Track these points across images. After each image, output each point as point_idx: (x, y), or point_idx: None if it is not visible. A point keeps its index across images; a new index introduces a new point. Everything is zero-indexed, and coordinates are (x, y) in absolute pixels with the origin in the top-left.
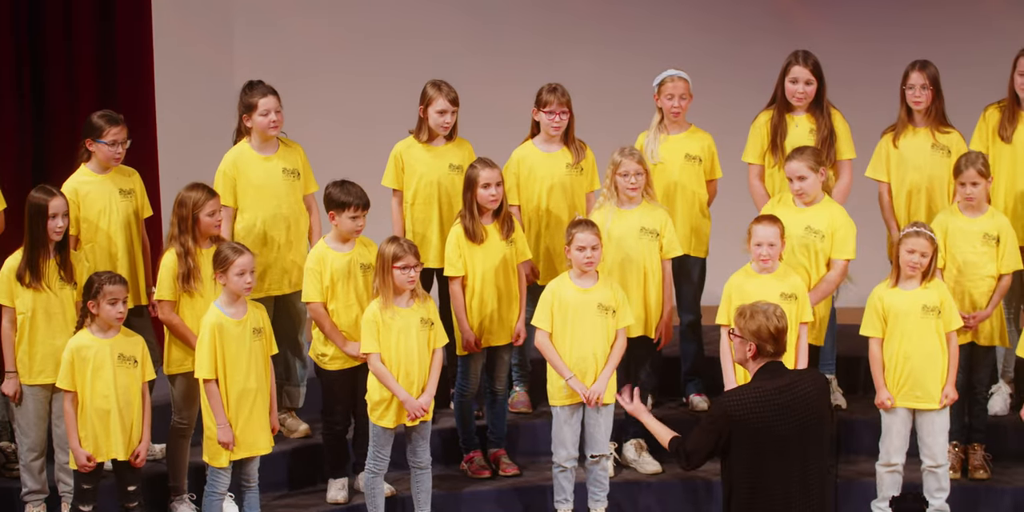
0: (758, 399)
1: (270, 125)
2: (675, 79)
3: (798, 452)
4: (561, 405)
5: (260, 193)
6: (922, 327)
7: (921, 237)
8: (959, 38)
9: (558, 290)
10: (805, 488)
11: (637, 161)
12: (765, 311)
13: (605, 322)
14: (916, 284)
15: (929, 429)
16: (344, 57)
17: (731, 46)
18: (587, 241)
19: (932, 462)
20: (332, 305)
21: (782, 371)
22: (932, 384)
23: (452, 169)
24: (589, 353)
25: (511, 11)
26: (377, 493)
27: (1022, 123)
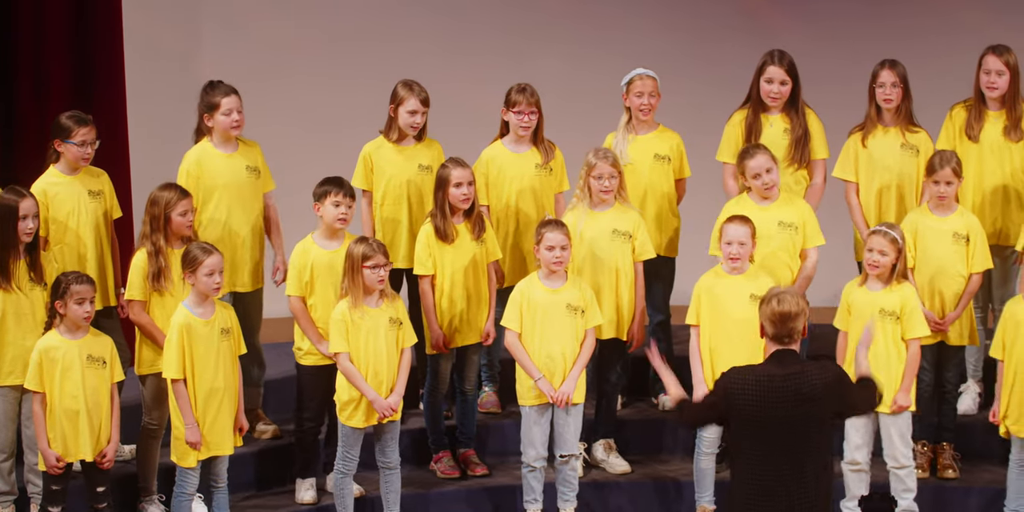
0: (758, 381)
1: (232, 124)
2: (643, 78)
3: (795, 441)
4: (530, 405)
5: (225, 191)
6: (877, 328)
7: (881, 236)
8: (928, 36)
9: (527, 290)
10: (800, 478)
11: (611, 163)
12: (777, 295)
13: (574, 322)
14: (881, 285)
15: (887, 431)
16: (313, 58)
17: (700, 45)
18: (556, 241)
19: (895, 463)
20: (311, 301)
21: (792, 359)
22: (885, 388)
23: (421, 169)
24: (558, 353)
25: (480, 11)
26: (346, 493)
27: (989, 122)
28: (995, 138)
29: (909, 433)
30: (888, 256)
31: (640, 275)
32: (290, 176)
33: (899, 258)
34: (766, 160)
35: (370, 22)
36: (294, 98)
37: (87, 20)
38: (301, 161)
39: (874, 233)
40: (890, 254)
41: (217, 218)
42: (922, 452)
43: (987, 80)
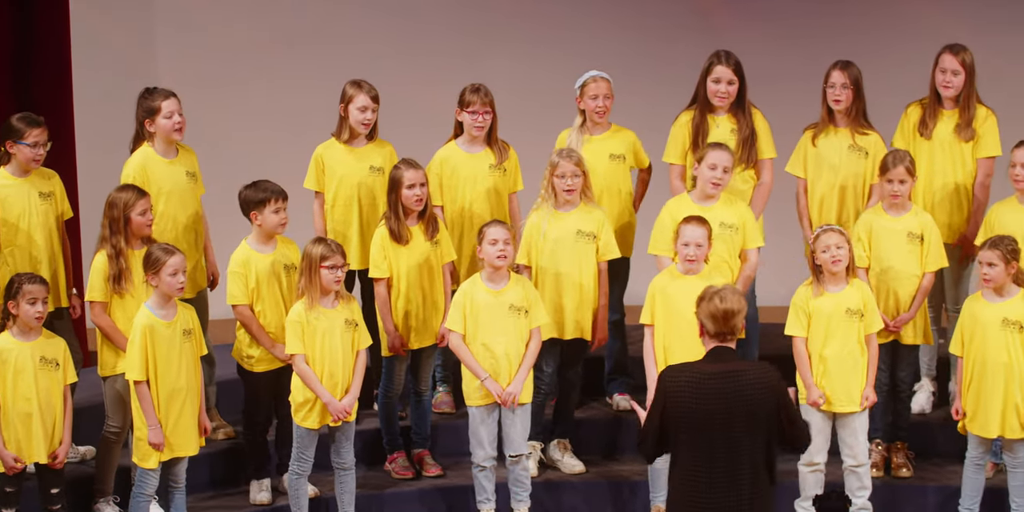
0: (691, 379)
1: (174, 128)
2: (597, 80)
3: (730, 440)
4: (477, 405)
5: (169, 198)
6: (844, 330)
7: (832, 232)
8: (882, 36)
9: (470, 292)
10: (734, 480)
11: (575, 163)
12: (717, 293)
13: (518, 323)
14: (840, 284)
15: (849, 429)
16: (266, 60)
17: (653, 44)
18: (499, 234)
19: (854, 462)
20: (259, 307)
21: (729, 357)
22: (853, 386)
23: (373, 170)
24: (502, 354)
25: (433, 12)
26: (301, 494)
27: (943, 120)
28: (946, 136)
29: (867, 430)
30: (844, 249)
31: (604, 275)
32: (245, 178)
33: (850, 252)
34: (728, 158)
35: (322, 24)
36: (247, 101)
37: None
38: (256, 163)
39: (824, 232)
40: (845, 247)
41: (161, 224)
42: (876, 451)
43: (942, 79)
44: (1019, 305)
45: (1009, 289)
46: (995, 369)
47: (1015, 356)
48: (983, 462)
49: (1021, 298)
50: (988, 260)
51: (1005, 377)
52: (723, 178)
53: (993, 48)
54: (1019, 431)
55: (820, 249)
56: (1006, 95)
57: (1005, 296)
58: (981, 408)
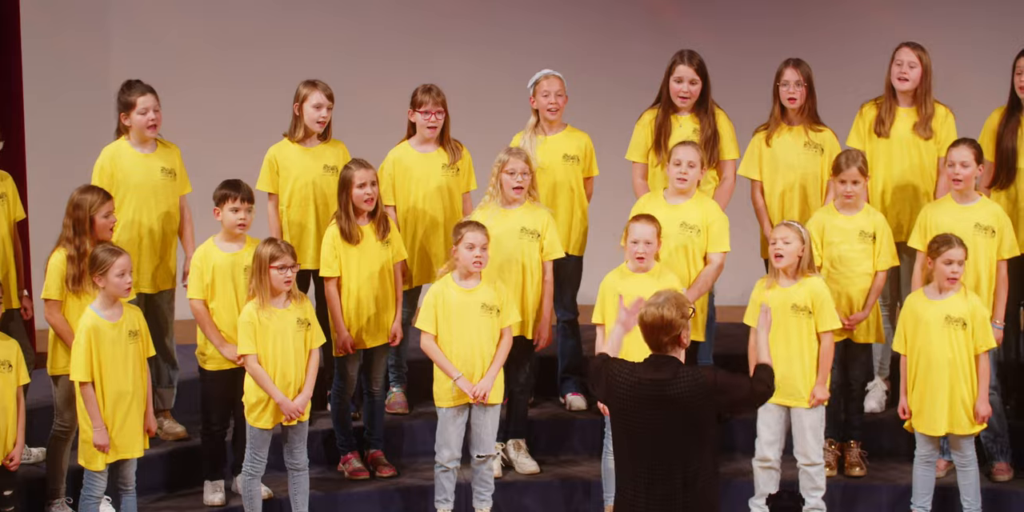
0: (628, 382)
1: (148, 123)
2: (550, 77)
3: (664, 448)
4: (448, 406)
5: (139, 191)
6: (791, 325)
7: (784, 226)
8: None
9: (441, 292)
10: (649, 486)
11: (524, 160)
12: (649, 304)
13: (490, 322)
14: (789, 281)
15: (800, 427)
16: (218, 62)
17: (606, 43)
18: (477, 240)
19: (806, 460)
20: (213, 304)
21: (667, 366)
22: (801, 382)
23: (327, 170)
24: (475, 353)
25: (383, 13)
26: (254, 495)
27: (899, 119)
28: (905, 134)
29: (822, 429)
30: (791, 245)
31: (548, 274)
32: (198, 178)
33: (804, 250)
34: (694, 154)
35: (273, 26)
36: (199, 103)
37: None
38: (207, 165)
39: (778, 226)
40: (793, 243)
41: (127, 218)
42: (829, 450)
43: (899, 71)
44: (961, 302)
45: (952, 287)
46: (940, 366)
47: (959, 353)
48: (932, 460)
49: (962, 295)
50: (960, 259)
51: (950, 374)
52: (688, 173)
53: (945, 49)
54: (967, 427)
55: (771, 241)
56: (959, 95)
57: (947, 294)
58: (927, 406)
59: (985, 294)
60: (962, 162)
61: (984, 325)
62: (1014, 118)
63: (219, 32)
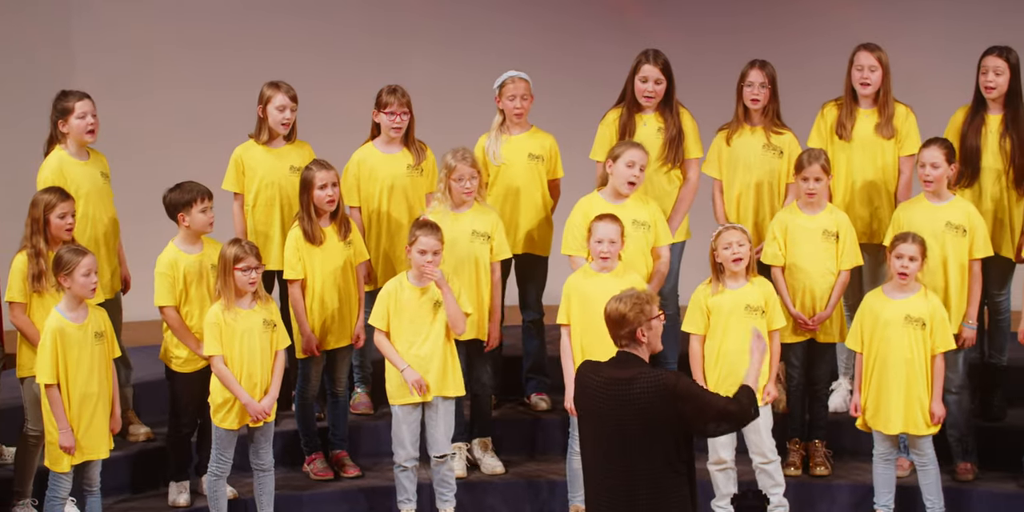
0: (593, 381)
1: (86, 128)
2: (516, 80)
3: (626, 448)
4: (400, 404)
5: (87, 199)
6: (744, 326)
7: (733, 229)
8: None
9: (395, 290)
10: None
11: (470, 165)
12: (612, 298)
13: (443, 320)
14: (740, 281)
15: (754, 427)
16: (183, 63)
17: (570, 43)
18: (429, 246)
19: (762, 459)
20: (186, 308)
21: (630, 364)
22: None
23: (292, 170)
24: (428, 352)
25: (348, 13)
26: (220, 496)
27: (860, 120)
28: (867, 135)
29: (771, 426)
30: (744, 247)
31: (496, 274)
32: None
33: (752, 251)
34: (644, 157)
35: (238, 27)
36: (163, 106)
37: None
38: (174, 164)
39: (725, 230)
40: (746, 245)
41: (82, 225)
42: (794, 450)
43: (860, 76)
44: (921, 302)
45: (912, 286)
46: (896, 366)
47: (916, 353)
48: (891, 458)
49: (922, 295)
50: (911, 254)
51: (908, 374)
52: (639, 177)
53: (908, 45)
54: (923, 428)
55: (721, 246)
56: (918, 95)
57: (907, 293)
58: (882, 404)
59: (954, 293)
60: (932, 163)
61: (943, 326)
62: (978, 116)
63: (183, 34)
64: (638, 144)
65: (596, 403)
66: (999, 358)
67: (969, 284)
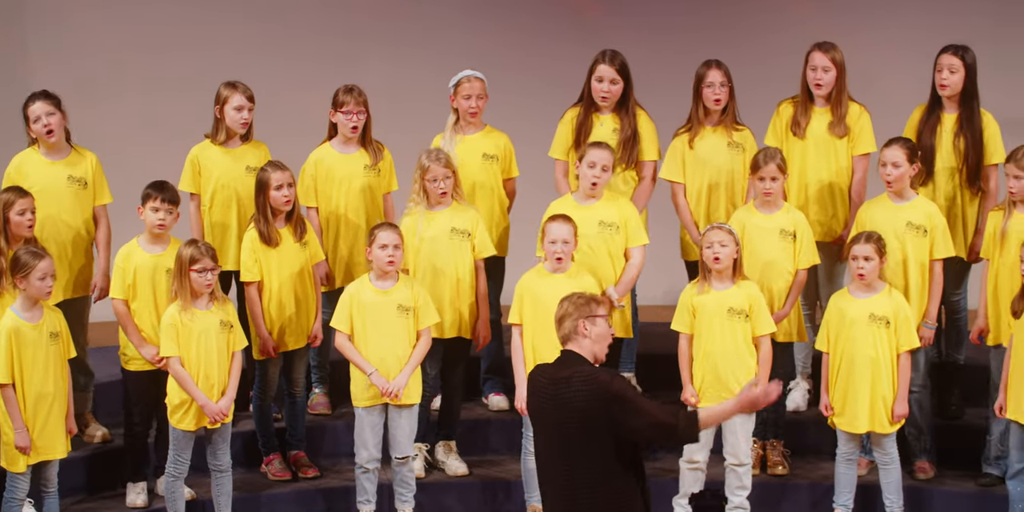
0: (537, 381)
1: (43, 130)
2: (471, 79)
3: (564, 449)
4: (364, 406)
5: (43, 198)
6: (726, 328)
7: (717, 229)
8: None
9: (357, 292)
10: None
11: (444, 165)
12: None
13: (406, 323)
14: (725, 284)
15: (732, 429)
16: (140, 64)
17: (529, 43)
18: (389, 239)
19: (735, 460)
20: (134, 305)
21: (570, 363)
22: (735, 385)
23: (249, 171)
24: (390, 354)
25: (305, 15)
26: (177, 497)
27: (815, 118)
28: (821, 134)
29: (752, 431)
30: (728, 247)
31: (482, 272)
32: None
33: (738, 252)
34: (607, 157)
35: (194, 28)
36: (120, 103)
37: None
38: (131, 165)
39: (709, 229)
40: (729, 245)
41: (39, 223)
42: (752, 449)
43: (814, 77)
44: (885, 301)
45: (876, 285)
46: (862, 364)
47: (882, 351)
48: (854, 458)
49: (887, 294)
50: (864, 254)
51: (872, 372)
52: (601, 177)
53: (864, 41)
54: (887, 426)
55: (705, 245)
56: (876, 93)
57: (871, 292)
58: (849, 404)
59: (914, 293)
60: (893, 162)
61: (907, 325)
62: (934, 115)
63: (140, 36)
64: (602, 144)
65: (540, 403)
66: (956, 357)
67: (930, 284)
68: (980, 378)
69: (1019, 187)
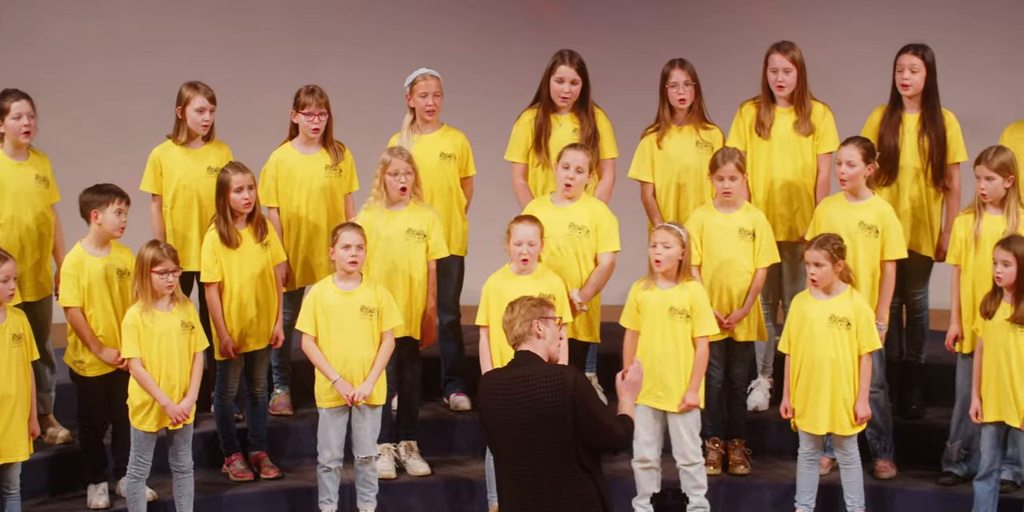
0: (491, 385)
1: (22, 129)
2: (427, 78)
3: (527, 449)
4: (328, 407)
5: (16, 199)
6: (667, 327)
7: (664, 230)
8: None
9: (320, 294)
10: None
11: (406, 160)
12: (514, 303)
13: (369, 324)
14: (669, 283)
15: (676, 430)
16: (99, 64)
17: (488, 42)
18: (352, 240)
19: (685, 461)
20: (89, 311)
21: (528, 362)
22: (673, 385)
23: (210, 171)
24: (353, 356)
25: (264, 15)
26: (139, 498)
27: (779, 118)
28: (785, 134)
29: (698, 430)
30: (672, 249)
31: (433, 274)
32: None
33: (684, 254)
34: (582, 158)
35: (155, 29)
36: (80, 103)
37: None
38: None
39: (658, 229)
40: (674, 247)
41: (5, 226)
42: (713, 449)
43: (775, 78)
44: (846, 302)
45: (836, 287)
46: (822, 366)
47: (842, 353)
48: (815, 458)
49: (848, 295)
50: (815, 260)
51: (832, 374)
52: (575, 178)
53: (821, 44)
54: (848, 428)
55: (651, 243)
56: (836, 91)
57: (832, 294)
58: (810, 405)
59: (863, 293)
60: (848, 161)
61: (869, 326)
62: (895, 115)
63: (101, 37)
64: (578, 145)
65: (498, 404)
66: (917, 356)
67: (880, 285)
68: (941, 377)
69: (991, 188)
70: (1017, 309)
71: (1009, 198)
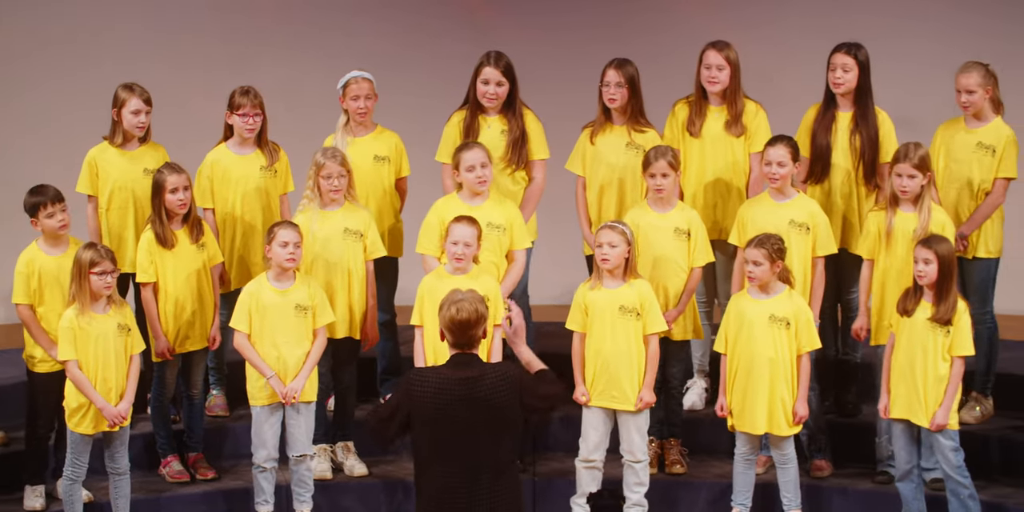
0: (438, 386)
1: None
2: (359, 80)
3: (473, 445)
4: (261, 405)
5: None
6: (618, 327)
7: (609, 229)
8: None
9: (255, 292)
10: (475, 482)
11: (339, 163)
12: (455, 302)
13: (304, 323)
14: (617, 282)
15: (627, 427)
16: (32, 65)
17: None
18: (290, 237)
19: (632, 458)
20: (41, 309)
21: (472, 363)
22: (627, 384)
23: (146, 173)
24: (289, 355)
25: (197, 18)
26: (75, 500)
27: (710, 117)
28: (716, 133)
29: (647, 428)
30: (618, 248)
31: (371, 273)
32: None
33: (630, 252)
34: (482, 155)
35: (89, 30)
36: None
37: None
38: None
39: (602, 228)
40: (619, 246)
41: None
42: (650, 448)
43: (708, 75)
44: (786, 302)
45: (775, 287)
46: (761, 365)
47: (781, 352)
48: (752, 458)
49: (787, 295)
50: (754, 259)
51: (771, 373)
52: (485, 174)
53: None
54: (785, 428)
55: (596, 244)
56: (772, 90)
57: (771, 293)
58: (748, 405)
59: (799, 291)
60: (779, 162)
61: (808, 326)
62: (828, 114)
63: (38, 37)
64: (473, 144)
65: (443, 403)
66: (853, 355)
67: (812, 282)
68: (877, 376)
69: (912, 186)
70: (938, 309)
71: (923, 195)
